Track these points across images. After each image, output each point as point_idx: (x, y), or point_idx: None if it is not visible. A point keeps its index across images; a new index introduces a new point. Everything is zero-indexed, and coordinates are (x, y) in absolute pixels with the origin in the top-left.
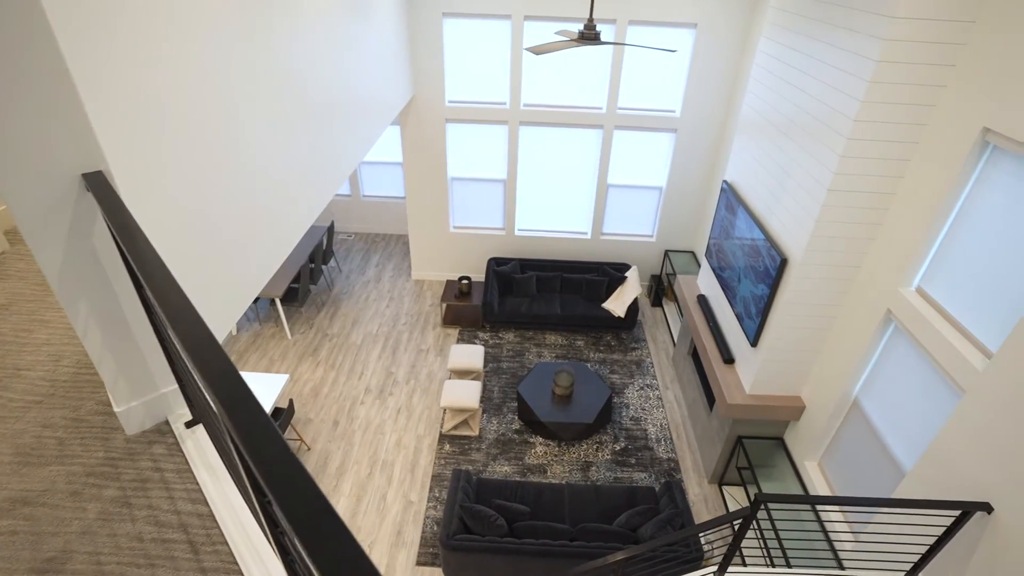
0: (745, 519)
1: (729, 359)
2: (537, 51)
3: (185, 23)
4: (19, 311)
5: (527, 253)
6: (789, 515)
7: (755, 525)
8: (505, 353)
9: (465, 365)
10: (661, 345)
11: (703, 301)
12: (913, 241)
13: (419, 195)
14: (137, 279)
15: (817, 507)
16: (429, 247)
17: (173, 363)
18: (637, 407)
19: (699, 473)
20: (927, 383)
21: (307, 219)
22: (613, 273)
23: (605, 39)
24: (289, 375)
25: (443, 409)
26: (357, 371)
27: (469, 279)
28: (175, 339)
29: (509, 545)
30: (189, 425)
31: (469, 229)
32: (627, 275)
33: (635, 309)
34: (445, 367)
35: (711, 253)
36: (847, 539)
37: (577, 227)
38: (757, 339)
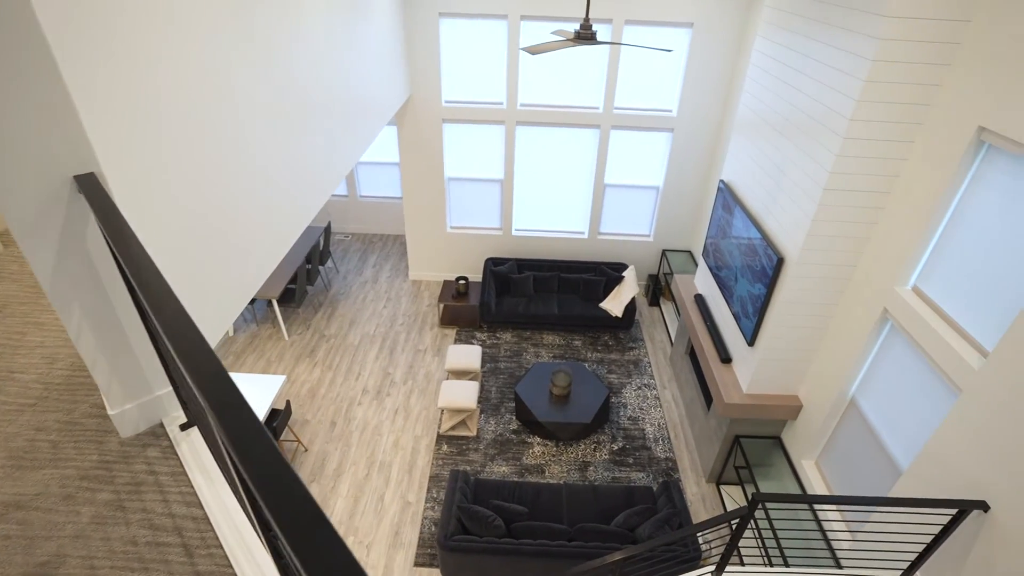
0: (743, 518)
1: (726, 358)
2: (533, 51)
3: (181, 25)
4: (13, 313)
5: (524, 253)
6: (787, 514)
7: (753, 524)
8: (503, 353)
9: (463, 365)
10: (659, 345)
11: (700, 300)
12: (909, 240)
13: (416, 195)
14: (129, 282)
15: (814, 506)
16: (426, 247)
17: (167, 365)
18: (635, 407)
19: (697, 472)
20: (923, 382)
21: (304, 219)
22: (610, 273)
23: (601, 39)
24: (286, 376)
25: (441, 410)
26: (354, 372)
27: (466, 279)
28: (166, 341)
29: (507, 546)
30: (184, 428)
31: (466, 229)
32: (624, 275)
33: (632, 309)
34: (443, 367)
35: (708, 252)
36: (844, 538)
37: (574, 227)
38: (754, 338)
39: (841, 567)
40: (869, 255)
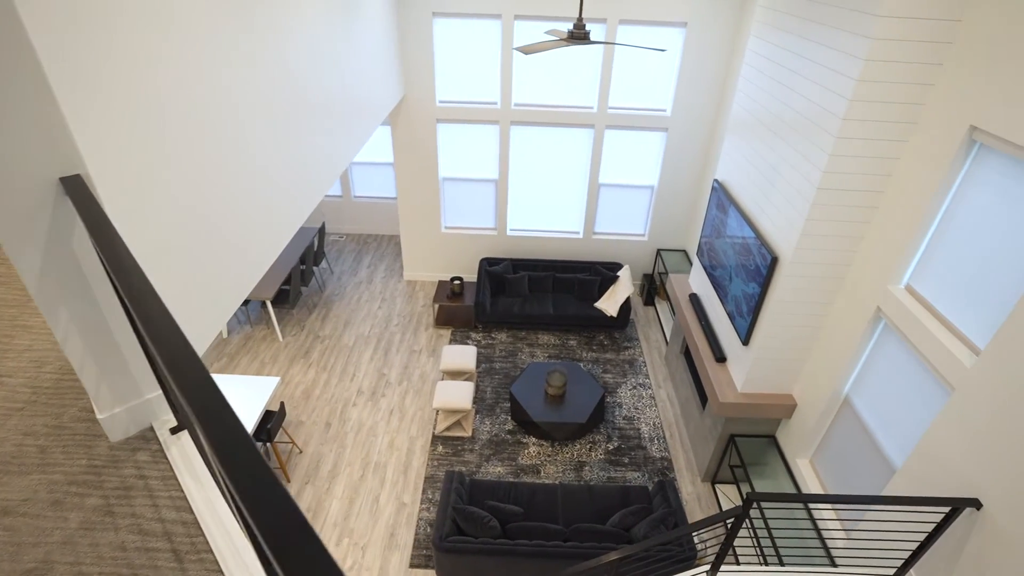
0: (738, 518)
1: (721, 358)
2: (527, 51)
3: (171, 25)
4: (0, 317)
5: (519, 253)
6: (781, 513)
7: (748, 523)
8: (498, 353)
9: (458, 366)
10: (654, 344)
11: (695, 300)
12: (902, 239)
13: (410, 195)
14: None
15: (809, 505)
16: (421, 248)
17: (156, 369)
18: (630, 406)
19: (692, 472)
20: (917, 380)
21: (298, 219)
22: (605, 272)
23: (595, 38)
24: (280, 377)
25: (436, 410)
26: (349, 373)
27: (461, 279)
28: (150, 345)
29: (502, 546)
30: (174, 431)
31: (461, 229)
32: (619, 274)
33: (627, 308)
34: (438, 368)
35: (703, 252)
36: (839, 536)
37: (569, 227)
38: (748, 337)
39: (836, 565)
40: (863, 254)
